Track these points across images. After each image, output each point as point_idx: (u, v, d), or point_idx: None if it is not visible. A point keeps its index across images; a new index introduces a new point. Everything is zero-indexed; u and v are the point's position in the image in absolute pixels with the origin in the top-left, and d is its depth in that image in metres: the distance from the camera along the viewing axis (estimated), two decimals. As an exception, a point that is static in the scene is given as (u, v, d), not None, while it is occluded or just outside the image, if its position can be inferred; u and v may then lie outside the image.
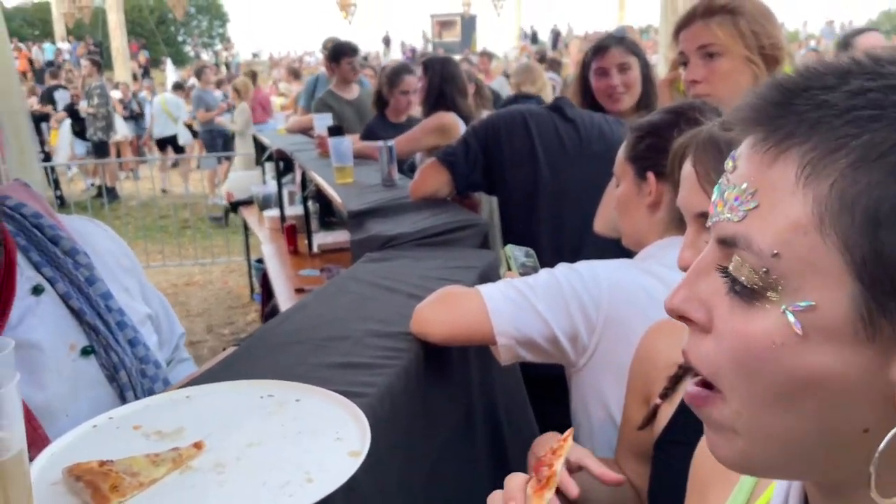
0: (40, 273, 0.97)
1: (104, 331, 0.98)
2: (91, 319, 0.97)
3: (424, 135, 3.22)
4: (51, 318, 0.95)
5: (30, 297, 0.94)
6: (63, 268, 0.98)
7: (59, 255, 0.98)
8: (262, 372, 1.06)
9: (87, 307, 0.98)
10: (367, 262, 1.69)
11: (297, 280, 3.50)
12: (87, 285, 0.99)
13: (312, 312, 1.34)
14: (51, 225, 1.01)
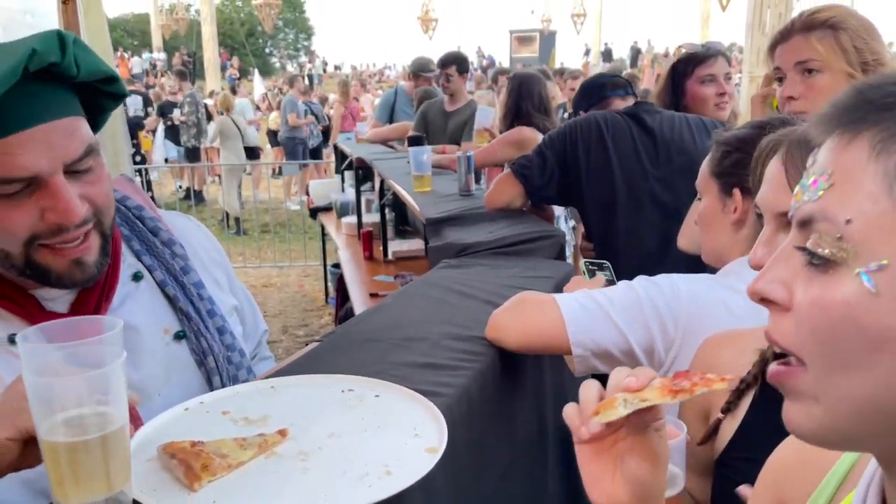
0: (140, 261, 1.04)
1: (195, 317, 1.04)
2: (184, 306, 1.03)
3: (501, 147, 3.24)
4: (148, 303, 1.02)
5: (130, 282, 1.01)
6: (161, 257, 1.05)
7: (157, 245, 1.05)
8: (343, 367, 1.09)
9: (180, 294, 1.04)
10: (444, 269, 1.72)
11: (372, 285, 3.57)
12: (182, 274, 1.05)
13: (391, 313, 1.37)
14: (151, 217, 1.08)
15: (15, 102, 0.80)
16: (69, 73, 0.84)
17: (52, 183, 0.82)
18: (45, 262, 0.86)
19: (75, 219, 0.83)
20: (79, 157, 0.85)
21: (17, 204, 0.82)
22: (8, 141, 0.80)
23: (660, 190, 2.05)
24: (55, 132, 0.83)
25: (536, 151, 2.16)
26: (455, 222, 2.16)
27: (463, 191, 2.65)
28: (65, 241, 0.85)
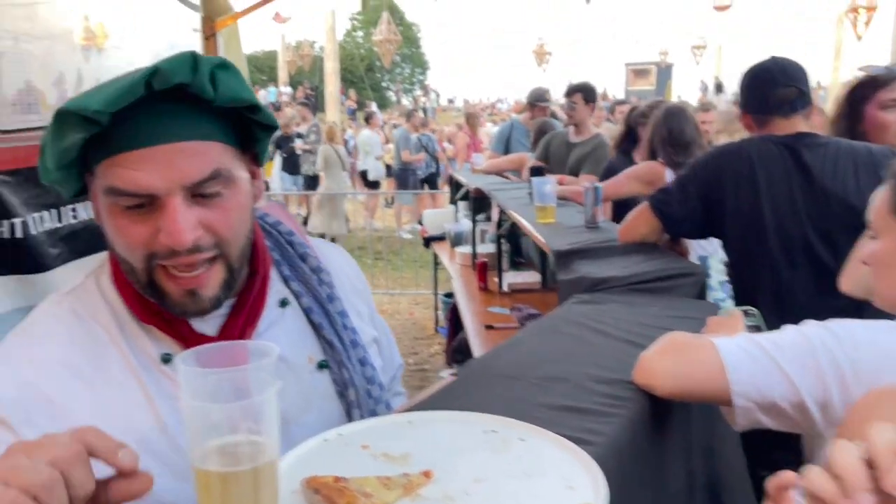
0: (288, 287, 1.01)
1: (339, 347, 1.00)
2: (329, 335, 0.99)
3: (629, 181, 3.12)
4: (294, 330, 0.98)
5: (277, 308, 0.98)
6: (308, 283, 1.01)
7: (306, 271, 1.02)
8: (482, 405, 1.02)
9: (325, 323, 1.00)
10: (577, 304, 1.63)
11: (486, 316, 3.51)
12: (328, 302, 1.02)
13: (527, 349, 1.30)
14: (301, 243, 1.05)
15: (141, 120, 0.79)
16: (204, 95, 0.81)
17: (168, 203, 0.80)
18: (163, 285, 0.84)
19: (183, 243, 0.80)
20: (200, 180, 0.81)
21: (138, 218, 0.81)
22: (129, 156, 0.79)
23: (818, 245, 1.85)
24: (178, 153, 0.80)
25: (677, 183, 2.04)
26: (585, 255, 2.07)
27: (589, 223, 2.56)
28: (178, 264, 0.83)
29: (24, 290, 1.86)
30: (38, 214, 1.88)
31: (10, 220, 1.77)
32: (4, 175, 1.78)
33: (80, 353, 0.85)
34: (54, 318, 0.88)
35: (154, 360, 0.87)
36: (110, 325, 0.87)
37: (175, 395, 0.83)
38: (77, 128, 0.77)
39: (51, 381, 0.82)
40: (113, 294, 0.89)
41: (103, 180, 0.81)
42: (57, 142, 0.79)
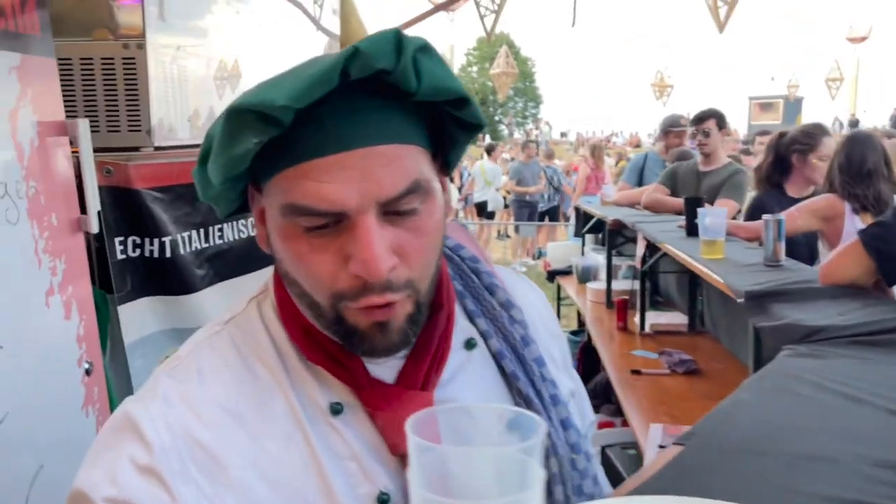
0: (474, 324, 0.81)
1: (537, 404, 0.78)
2: (524, 387, 0.78)
3: (803, 215, 2.78)
4: (481, 378, 0.79)
5: (462, 350, 0.78)
6: (498, 321, 0.81)
7: (495, 306, 0.82)
8: (725, 490, 0.79)
9: (520, 372, 0.79)
10: (794, 357, 1.36)
11: (629, 359, 3.22)
12: (522, 346, 0.81)
13: (759, 414, 1.05)
14: (487, 272, 0.85)
15: (331, 118, 0.62)
16: (406, 87, 0.63)
17: (360, 223, 0.63)
18: (352, 319, 0.67)
19: (379, 273, 0.63)
20: (398, 194, 0.64)
21: (321, 243, 0.64)
22: (317, 165, 0.62)
23: None
24: (374, 160, 0.63)
25: (894, 215, 1.73)
26: (782, 298, 1.78)
27: (770, 260, 2.25)
28: (369, 306, 0.66)
29: (169, 312, 1.79)
30: (186, 234, 1.81)
31: (161, 238, 1.71)
32: (157, 192, 1.72)
33: (243, 395, 0.70)
34: (213, 350, 0.73)
35: (322, 411, 0.70)
36: (274, 365, 0.72)
37: (344, 454, 0.68)
38: (254, 129, 0.61)
39: (209, 427, 0.67)
40: (278, 327, 0.74)
41: (280, 196, 0.64)
42: (227, 149, 0.63)
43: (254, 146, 0.61)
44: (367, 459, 0.68)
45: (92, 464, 0.66)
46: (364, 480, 0.67)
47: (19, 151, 1.21)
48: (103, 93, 1.72)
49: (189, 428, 0.67)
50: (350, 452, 0.68)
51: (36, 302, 1.25)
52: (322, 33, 3.43)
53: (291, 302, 0.72)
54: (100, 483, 0.64)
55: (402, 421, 0.62)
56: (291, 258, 0.66)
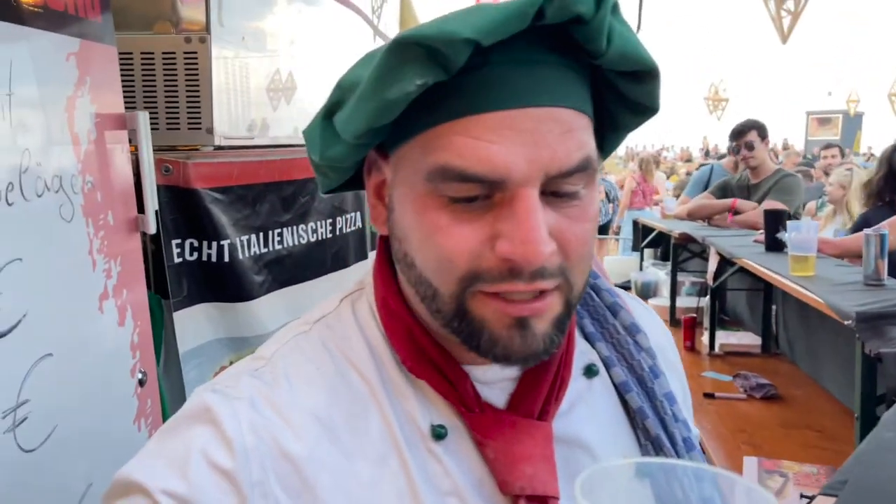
0: (594, 349, 0.70)
1: (669, 448, 0.66)
2: (653, 428, 0.66)
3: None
4: (602, 413, 0.67)
5: (581, 378, 0.67)
6: (622, 348, 0.70)
7: (619, 329, 0.70)
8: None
9: (649, 409, 0.67)
10: (933, 390, 1.18)
11: (701, 382, 3.03)
12: (651, 378, 0.68)
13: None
14: (609, 289, 0.73)
15: (507, 66, 0.52)
16: (594, 45, 0.53)
17: (520, 197, 0.52)
18: (481, 314, 0.55)
19: (536, 257, 0.52)
20: (569, 169, 0.53)
21: (468, 217, 0.54)
22: (479, 120, 0.52)
23: None
24: (550, 124, 0.52)
25: None
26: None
27: (871, 279, 2.05)
28: (511, 291, 0.54)
29: (226, 319, 1.69)
30: (245, 238, 1.71)
31: (220, 241, 1.61)
32: (217, 192, 1.63)
33: (336, 406, 0.60)
34: (301, 353, 0.63)
35: (422, 434, 0.59)
36: (370, 373, 0.61)
37: (445, 488, 0.58)
38: (420, 69, 0.50)
39: (300, 439, 0.57)
40: (375, 331, 0.63)
41: (427, 157, 0.54)
42: (381, 90, 0.52)
43: (415, 89, 0.51)
44: (471, 495, 0.58)
45: (155, 453, 0.57)
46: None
47: (76, 143, 1.12)
48: (163, 88, 1.65)
49: (277, 435, 0.57)
50: (452, 487, 0.58)
51: (89, 306, 1.15)
52: (381, 41, 3.35)
53: (396, 298, 0.62)
54: (164, 474, 0.54)
55: (516, 455, 0.57)
56: (424, 233, 0.55)
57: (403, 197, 0.57)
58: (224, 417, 0.56)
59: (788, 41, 9.89)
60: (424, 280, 0.56)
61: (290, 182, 1.90)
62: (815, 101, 32.70)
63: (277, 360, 0.62)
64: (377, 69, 0.52)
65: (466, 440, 0.59)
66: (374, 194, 0.62)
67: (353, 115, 0.55)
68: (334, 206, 2.10)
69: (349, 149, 0.57)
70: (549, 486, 0.58)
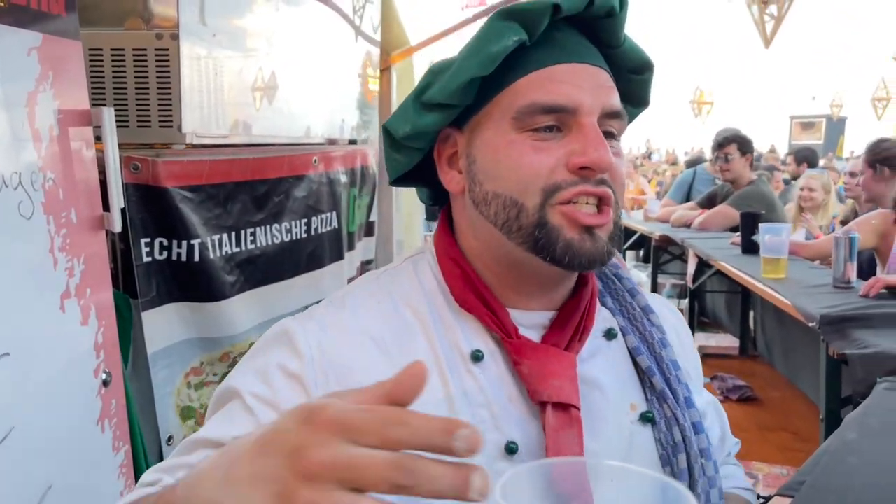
0: (614, 319, 0.84)
1: (672, 401, 0.79)
2: (658, 383, 0.79)
3: (861, 229, 2.60)
4: (617, 367, 0.81)
5: (601, 338, 0.81)
6: (637, 321, 0.84)
7: (634, 307, 0.85)
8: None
9: (656, 368, 0.80)
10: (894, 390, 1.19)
11: (678, 385, 3.04)
12: (660, 346, 0.81)
13: (872, 458, 0.89)
14: (628, 278, 0.89)
15: (564, 35, 0.74)
16: (614, 38, 0.75)
17: (587, 124, 0.71)
18: (558, 223, 0.71)
19: (604, 160, 0.69)
20: (616, 110, 0.73)
21: (546, 146, 0.71)
22: (556, 69, 0.72)
23: None
24: (601, 78, 0.74)
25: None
26: (861, 323, 1.61)
27: (840, 282, 2.07)
28: (584, 192, 0.70)
29: (196, 319, 1.68)
30: (216, 237, 1.70)
31: (190, 241, 1.59)
32: (187, 191, 1.61)
33: (389, 330, 0.75)
34: (367, 292, 0.79)
35: (463, 357, 0.74)
36: (423, 312, 0.76)
37: (478, 401, 0.71)
38: (515, 30, 0.70)
39: (356, 350, 0.73)
40: (430, 279, 0.79)
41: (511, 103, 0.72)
42: (486, 46, 0.70)
43: (512, 44, 0.70)
44: (500, 409, 0.70)
45: (245, 367, 0.74)
46: (494, 428, 0.69)
47: (37, 139, 1.11)
48: (134, 86, 1.63)
49: (338, 348, 0.72)
50: (484, 400, 0.71)
51: (50, 305, 1.14)
52: (363, 41, 3.33)
53: (456, 249, 0.78)
54: (252, 381, 0.70)
55: (546, 372, 0.70)
56: (512, 162, 0.71)
57: (487, 145, 0.73)
58: (297, 336, 0.72)
59: (772, 46, 9.99)
60: (509, 202, 0.71)
61: (263, 181, 1.89)
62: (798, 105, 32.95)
63: (348, 294, 0.79)
64: (483, 31, 0.71)
65: (500, 364, 0.73)
66: (446, 164, 0.78)
67: (457, 72, 0.71)
68: (309, 206, 2.09)
69: (439, 116, 0.74)
70: (572, 396, 0.70)
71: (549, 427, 0.68)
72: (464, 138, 0.77)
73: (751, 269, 2.42)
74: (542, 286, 0.76)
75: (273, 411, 0.67)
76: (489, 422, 0.70)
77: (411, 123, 0.76)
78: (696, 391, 0.84)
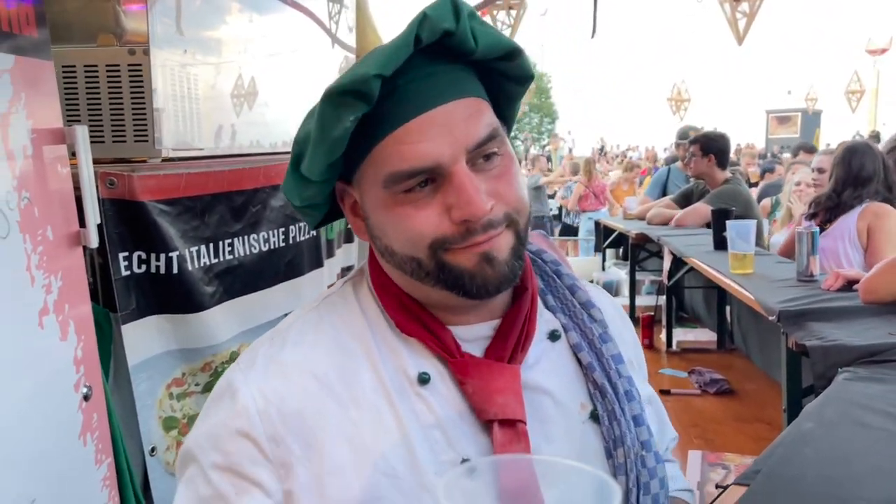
0: (556, 318, 0.85)
1: (611, 395, 0.80)
2: (599, 378, 0.81)
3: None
4: (562, 368, 0.82)
5: (546, 340, 0.82)
6: (577, 318, 0.85)
7: (575, 304, 0.86)
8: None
9: (596, 364, 0.82)
10: (856, 381, 1.23)
11: (657, 379, 3.09)
12: (600, 342, 0.83)
13: (827, 448, 0.93)
14: (568, 274, 0.90)
15: (411, 84, 0.70)
16: (466, 47, 0.70)
17: (455, 173, 0.69)
18: (456, 262, 0.72)
19: (480, 212, 0.69)
20: (482, 139, 0.70)
21: (422, 202, 0.71)
22: (409, 128, 0.69)
23: None
24: (455, 114, 0.70)
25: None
26: (821, 316, 1.66)
27: (804, 276, 2.12)
28: (474, 245, 0.71)
29: (177, 331, 1.69)
30: (194, 248, 1.71)
31: (168, 253, 1.61)
32: (164, 204, 1.63)
33: (332, 365, 0.75)
34: (305, 324, 0.79)
35: (410, 381, 0.74)
36: (366, 339, 0.77)
37: (429, 422, 0.72)
38: (349, 108, 0.67)
39: (301, 395, 0.73)
40: (371, 304, 0.80)
41: (378, 170, 0.71)
42: (326, 133, 0.69)
43: (350, 124, 0.67)
44: (451, 428, 0.72)
45: (200, 429, 0.74)
46: (447, 448, 0.71)
47: (11, 159, 1.12)
48: (108, 102, 1.64)
49: (283, 397, 0.72)
50: (435, 421, 0.72)
51: (28, 322, 1.15)
52: (339, 48, 3.35)
53: (388, 278, 0.78)
54: (207, 449, 0.71)
55: (491, 389, 0.71)
56: (395, 224, 0.72)
57: (373, 206, 0.74)
58: (241, 393, 0.72)
59: (746, 42, 10.11)
60: (406, 258, 0.72)
61: (240, 192, 1.91)
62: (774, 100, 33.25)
63: (288, 329, 0.79)
64: (319, 118, 0.69)
65: (448, 383, 0.74)
66: (351, 213, 0.79)
67: (312, 159, 0.71)
68: (286, 215, 2.11)
69: (319, 187, 0.74)
70: (517, 411, 0.72)
71: (497, 444, 0.70)
72: (356, 192, 0.77)
73: (722, 266, 2.47)
74: (475, 305, 0.76)
75: (232, 476, 0.69)
76: (442, 441, 0.71)
77: (298, 196, 0.77)
78: (639, 380, 0.87)
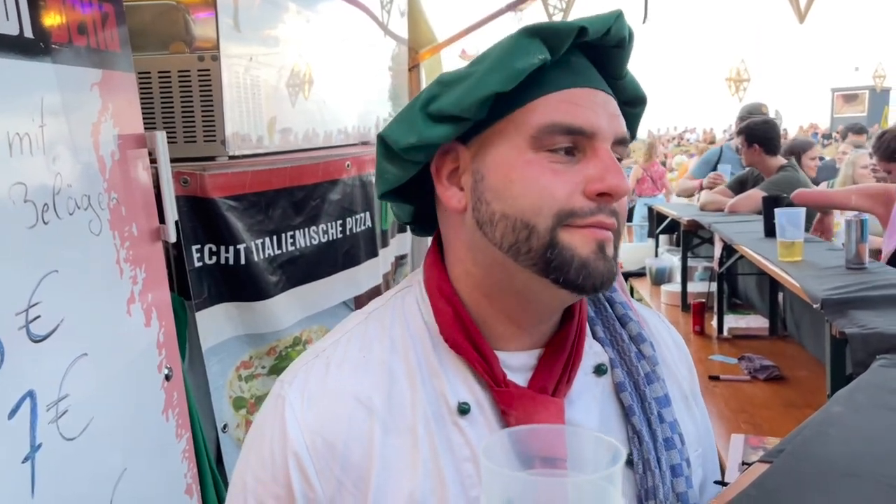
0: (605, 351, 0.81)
1: (648, 443, 0.76)
2: (638, 423, 0.77)
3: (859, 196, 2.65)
4: (605, 407, 0.78)
5: (591, 374, 0.78)
6: (625, 354, 0.80)
7: (624, 338, 0.81)
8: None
9: (637, 407, 0.78)
10: (890, 368, 1.27)
11: (708, 365, 3.11)
12: (645, 383, 0.79)
13: (853, 431, 0.98)
14: (622, 302, 0.84)
15: (580, 60, 0.73)
16: (620, 70, 0.76)
17: (603, 149, 0.70)
18: (572, 243, 0.69)
19: (620, 186, 0.69)
20: (625, 136, 0.73)
21: (562, 169, 0.70)
22: (574, 92, 0.71)
23: None
24: (610, 104, 0.74)
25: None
26: (863, 305, 1.68)
27: (853, 263, 2.13)
28: (599, 225, 0.70)
29: (244, 317, 1.82)
30: (259, 241, 1.84)
31: (236, 245, 1.74)
32: (232, 200, 1.76)
33: (375, 387, 0.74)
34: (355, 345, 0.77)
35: (450, 409, 0.72)
36: (409, 357, 0.75)
37: (463, 455, 0.71)
38: (540, 49, 0.68)
39: (345, 422, 0.72)
40: (416, 318, 0.77)
41: (527, 123, 0.70)
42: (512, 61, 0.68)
43: (538, 61, 0.68)
44: None
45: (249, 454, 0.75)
46: (478, 483, 0.68)
47: (101, 164, 1.25)
48: (180, 105, 1.77)
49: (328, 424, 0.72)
50: (470, 453, 0.70)
51: (119, 310, 1.29)
52: (390, 38, 3.44)
53: (448, 285, 0.76)
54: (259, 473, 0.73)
55: (534, 422, 0.68)
56: (526, 183, 0.69)
57: (499, 163, 0.71)
58: (289, 423, 0.72)
59: (810, 19, 9.81)
60: (519, 224, 0.69)
61: (301, 187, 2.02)
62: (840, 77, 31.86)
63: (334, 346, 0.78)
64: (507, 47, 0.69)
65: (488, 413, 0.71)
66: (445, 181, 0.75)
67: (477, 85, 0.68)
68: (343, 208, 2.22)
69: (449, 129, 0.71)
70: (559, 449, 0.68)
71: None
72: (469, 154, 0.73)
73: (771, 253, 2.48)
74: (538, 316, 0.74)
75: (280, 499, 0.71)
76: (474, 476, 0.69)
77: (417, 134, 0.71)
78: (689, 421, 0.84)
